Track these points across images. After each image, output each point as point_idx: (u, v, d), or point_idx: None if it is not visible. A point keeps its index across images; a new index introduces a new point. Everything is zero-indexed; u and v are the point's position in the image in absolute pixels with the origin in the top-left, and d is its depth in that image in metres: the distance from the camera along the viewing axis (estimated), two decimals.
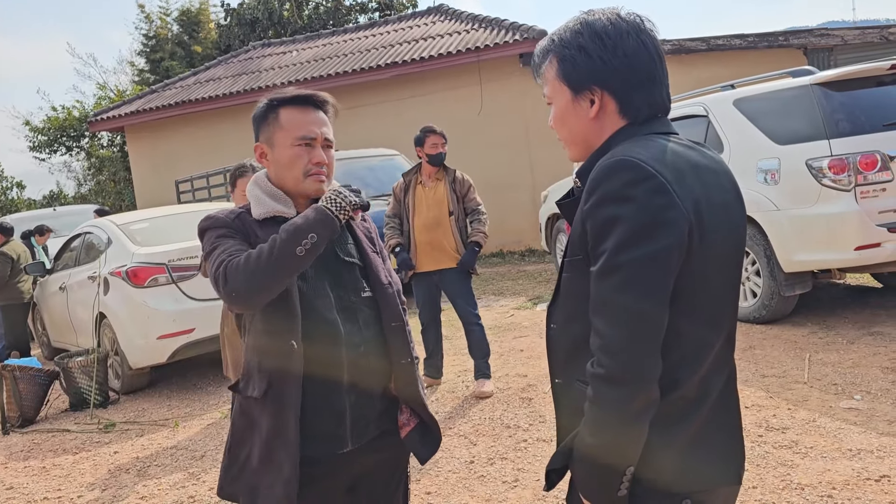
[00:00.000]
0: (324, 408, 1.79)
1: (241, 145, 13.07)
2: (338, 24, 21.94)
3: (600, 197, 1.21)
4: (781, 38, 10.99)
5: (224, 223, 1.84)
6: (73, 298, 6.83)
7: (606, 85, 1.31)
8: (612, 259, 1.18)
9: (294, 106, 1.86)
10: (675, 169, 1.22)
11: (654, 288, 1.17)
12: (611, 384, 1.18)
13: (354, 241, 1.95)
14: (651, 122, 1.33)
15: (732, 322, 1.37)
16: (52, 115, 22.76)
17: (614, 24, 1.30)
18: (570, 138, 1.39)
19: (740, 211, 1.36)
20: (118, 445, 4.92)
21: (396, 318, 1.91)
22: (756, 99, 5.73)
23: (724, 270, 1.30)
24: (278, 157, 1.86)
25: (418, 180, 5.06)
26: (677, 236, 1.17)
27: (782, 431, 3.68)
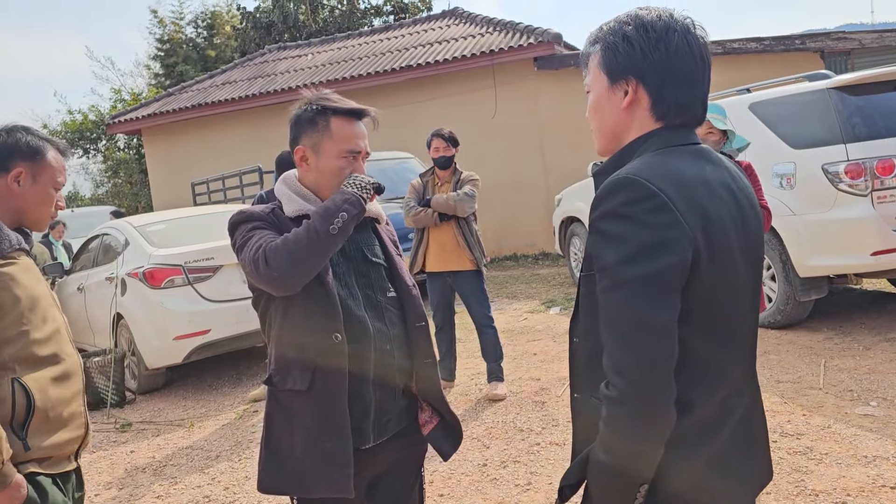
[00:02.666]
0: (351, 402, 1.83)
1: (256, 147, 13.18)
2: (352, 28, 22.04)
3: (602, 213, 1.22)
4: (798, 42, 10.93)
5: (259, 216, 1.89)
6: (90, 299, 6.90)
7: (643, 77, 1.30)
8: (613, 277, 1.19)
9: (345, 117, 1.90)
10: (682, 186, 1.21)
11: (657, 310, 1.16)
12: (622, 406, 1.17)
13: (380, 244, 2.01)
14: (678, 133, 1.32)
15: (752, 341, 1.36)
16: (69, 118, 23.01)
17: (663, 20, 1.30)
18: (600, 128, 1.39)
19: (758, 228, 1.35)
20: (134, 445, 4.97)
21: (420, 318, 1.97)
22: (772, 103, 5.71)
23: (739, 288, 1.29)
24: (322, 165, 1.90)
25: (434, 181, 5.11)
26: (679, 255, 1.16)
27: (797, 437, 3.66)
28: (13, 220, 1.92)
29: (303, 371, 1.83)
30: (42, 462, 1.80)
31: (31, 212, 1.94)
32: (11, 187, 1.89)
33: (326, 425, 1.80)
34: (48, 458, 1.81)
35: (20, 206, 1.91)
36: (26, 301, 1.81)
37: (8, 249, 1.82)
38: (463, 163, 5.19)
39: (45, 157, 1.94)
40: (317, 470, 1.80)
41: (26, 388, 1.76)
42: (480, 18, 14.24)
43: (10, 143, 1.91)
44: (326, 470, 1.79)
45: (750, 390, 1.35)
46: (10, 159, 1.90)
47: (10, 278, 1.79)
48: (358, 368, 1.84)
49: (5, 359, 1.75)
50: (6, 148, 1.90)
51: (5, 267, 1.80)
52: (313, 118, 1.90)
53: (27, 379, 1.77)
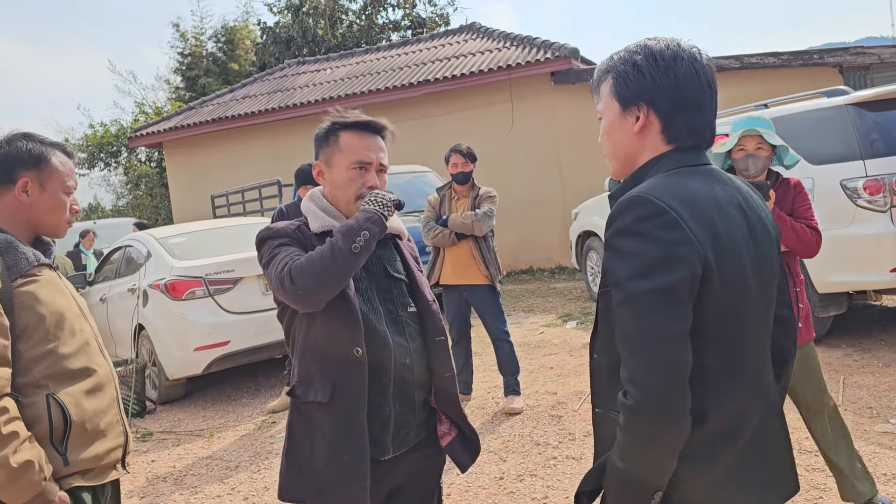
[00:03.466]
0: (370, 415, 1.87)
1: (275, 161, 13.34)
2: (371, 43, 22.28)
3: (615, 230, 1.28)
4: (816, 57, 10.90)
5: (285, 233, 1.94)
6: (112, 310, 7.01)
7: (653, 103, 1.36)
8: (626, 291, 1.24)
9: (354, 130, 1.96)
10: (692, 205, 1.26)
11: (669, 321, 1.20)
12: (638, 415, 1.21)
13: (402, 260, 2.06)
14: (689, 154, 1.37)
15: (766, 355, 1.38)
16: (90, 132, 23.38)
17: (671, 49, 1.36)
18: (614, 152, 1.45)
19: (770, 246, 1.39)
20: (155, 454, 5.03)
21: (440, 332, 2.01)
22: (790, 118, 5.70)
23: (750, 304, 1.32)
24: (334, 177, 1.97)
25: (451, 195, 5.16)
26: (689, 270, 1.21)
27: (815, 454, 3.64)
28: (30, 232, 1.90)
29: (324, 383, 1.87)
30: (85, 474, 1.81)
31: (45, 220, 1.90)
32: (20, 199, 1.84)
33: (345, 437, 1.84)
34: (90, 470, 1.83)
35: (32, 216, 1.87)
36: (51, 317, 1.80)
37: (26, 267, 1.79)
38: (480, 177, 5.24)
39: (50, 162, 1.88)
40: (335, 481, 1.84)
41: (61, 404, 1.77)
42: (498, 33, 14.34)
43: (12, 152, 1.85)
44: (345, 481, 1.83)
45: (765, 403, 1.37)
46: (14, 170, 1.84)
47: (32, 297, 1.78)
48: (378, 382, 1.89)
49: (37, 377, 1.75)
50: (8, 158, 1.84)
51: (25, 286, 1.78)
52: (326, 134, 1.99)
53: (61, 394, 1.78)
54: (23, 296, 1.76)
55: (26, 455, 1.65)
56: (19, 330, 1.74)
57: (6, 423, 1.64)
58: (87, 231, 11.31)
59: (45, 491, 1.68)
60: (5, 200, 1.85)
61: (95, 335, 1.98)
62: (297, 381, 1.95)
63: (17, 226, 1.86)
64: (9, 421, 1.64)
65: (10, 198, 1.85)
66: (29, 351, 1.75)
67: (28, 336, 1.75)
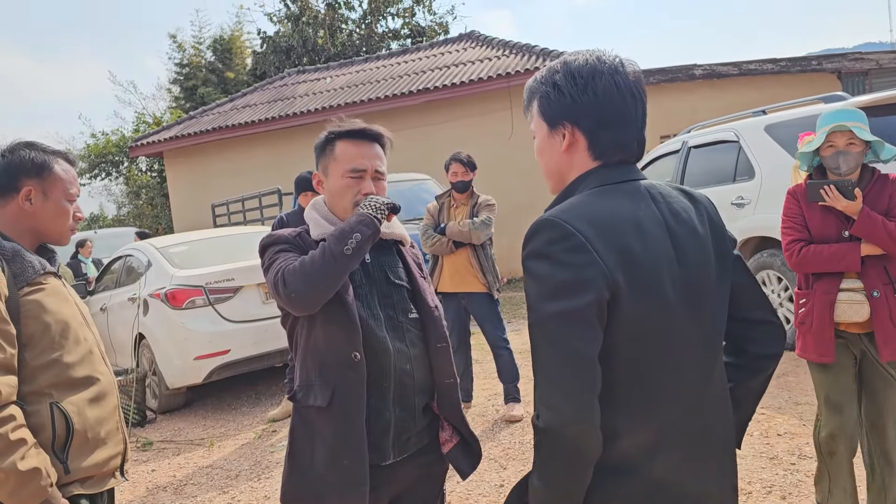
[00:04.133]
0: (371, 420, 1.88)
1: (276, 170, 13.36)
2: (370, 51, 22.36)
3: (527, 252, 1.28)
4: (815, 63, 10.94)
5: (285, 240, 1.96)
6: (113, 319, 7.01)
7: (576, 121, 1.36)
8: (536, 313, 1.25)
9: (349, 139, 1.99)
10: (604, 226, 1.25)
11: (576, 343, 1.21)
12: (548, 435, 1.23)
13: (404, 266, 2.07)
14: (616, 170, 1.36)
15: (700, 373, 1.36)
16: (91, 142, 23.46)
17: (590, 65, 1.35)
18: (547, 171, 1.46)
19: (704, 262, 1.36)
20: (155, 464, 5.03)
21: (442, 339, 2.02)
22: (787, 125, 5.72)
23: (674, 323, 1.30)
24: (331, 186, 2.00)
25: (450, 203, 5.17)
26: (595, 294, 1.21)
27: (815, 460, 3.64)
28: (34, 240, 1.91)
29: (323, 388, 1.88)
30: (84, 482, 1.82)
31: (49, 228, 1.91)
32: (23, 207, 1.86)
33: (344, 442, 1.84)
34: (90, 478, 1.84)
35: (36, 224, 1.89)
36: (56, 326, 1.81)
37: (32, 276, 1.80)
38: (479, 184, 5.25)
39: (53, 170, 1.90)
40: (335, 486, 1.84)
41: (65, 412, 1.78)
42: (497, 41, 14.41)
43: (15, 161, 1.86)
44: (344, 487, 1.83)
45: (702, 418, 1.35)
46: (17, 178, 1.86)
47: (38, 305, 1.79)
48: (378, 387, 1.89)
49: (42, 385, 1.76)
50: (11, 167, 1.86)
51: (32, 294, 1.79)
52: (323, 144, 2.02)
53: (65, 403, 1.79)
54: (29, 304, 1.77)
55: (33, 462, 1.66)
56: (25, 338, 1.75)
57: (14, 429, 1.65)
58: (84, 240, 11.35)
59: (50, 497, 1.68)
60: (9, 209, 1.87)
61: (98, 343, 1.99)
62: (298, 385, 1.97)
63: (22, 234, 1.88)
64: (16, 428, 1.66)
65: (14, 206, 1.86)
66: (34, 359, 1.76)
67: (34, 345, 1.77)
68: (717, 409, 1.41)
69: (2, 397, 1.65)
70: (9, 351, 1.69)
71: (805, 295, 2.92)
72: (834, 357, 2.80)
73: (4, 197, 1.87)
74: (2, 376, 1.67)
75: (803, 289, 2.94)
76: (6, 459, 1.62)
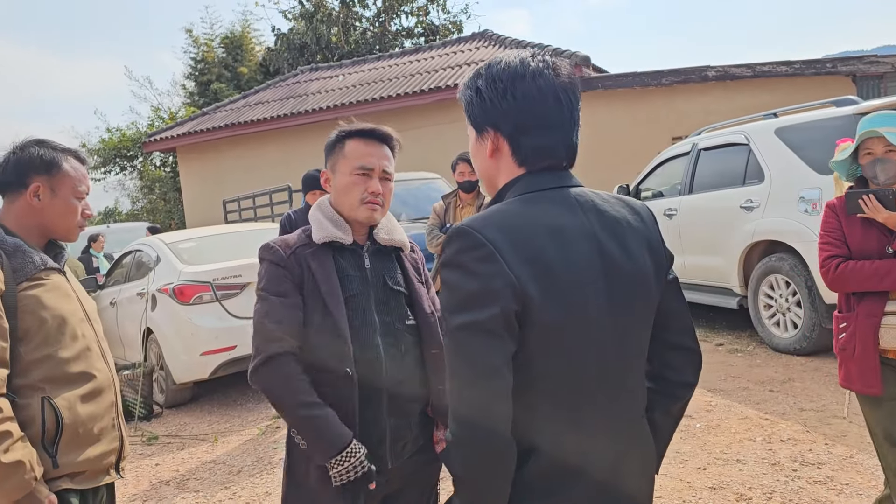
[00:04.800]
0: (366, 429, 1.88)
1: (287, 167, 13.40)
2: (383, 50, 22.37)
3: (443, 261, 1.27)
4: (829, 66, 10.84)
5: (279, 260, 1.92)
6: (122, 313, 7.07)
7: (498, 127, 1.33)
8: (447, 323, 1.23)
9: (359, 138, 2.00)
10: (518, 236, 1.22)
11: (483, 354, 1.18)
12: (459, 447, 1.20)
13: (402, 272, 2.06)
14: (542, 177, 1.32)
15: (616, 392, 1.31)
16: (106, 137, 23.65)
17: (511, 69, 1.31)
18: (479, 174, 1.44)
19: (634, 273, 1.31)
20: (160, 458, 5.07)
21: (437, 345, 2.00)
22: (798, 128, 5.69)
23: (595, 336, 1.26)
24: (338, 183, 2.00)
25: (456, 203, 5.17)
26: (503, 305, 1.18)
27: (818, 467, 3.62)
28: (42, 235, 1.93)
29: None
30: (74, 477, 1.83)
31: (56, 225, 1.93)
32: (31, 203, 1.89)
33: None
34: (81, 473, 1.85)
35: (44, 220, 1.91)
36: (53, 322, 1.83)
37: (32, 271, 1.82)
38: None
39: (62, 168, 1.92)
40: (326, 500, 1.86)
41: (55, 407, 1.79)
42: (510, 41, 14.38)
43: (24, 158, 1.89)
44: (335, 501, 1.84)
45: (624, 437, 1.33)
46: (26, 175, 1.88)
47: (36, 301, 1.81)
48: (372, 396, 1.90)
49: (35, 380, 1.78)
50: (21, 164, 1.89)
51: (30, 290, 1.81)
52: (333, 143, 2.03)
53: (57, 398, 1.80)
54: (27, 299, 1.80)
55: (17, 455, 1.67)
56: (21, 333, 1.77)
57: (0, 422, 1.67)
58: (96, 235, 11.46)
59: (34, 491, 1.70)
60: (17, 205, 1.90)
61: (99, 340, 2.00)
62: None
63: (29, 230, 1.90)
64: (2, 420, 1.67)
65: (23, 202, 1.89)
66: (29, 354, 1.78)
67: (29, 339, 1.78)
68: (636, 430, 1.37)
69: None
70: (0, 344, 1.72)
71: (846, 318, 2.64)
72: (881, 388, 2.52)
73: (13, 193, 1.90)
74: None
75: (843, 311, 2.67)
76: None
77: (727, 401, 4.77)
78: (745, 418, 4.41)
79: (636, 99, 11.67)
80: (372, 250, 2.03)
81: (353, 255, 1.99)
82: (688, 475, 3.69)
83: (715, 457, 3.89)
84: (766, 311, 5.92)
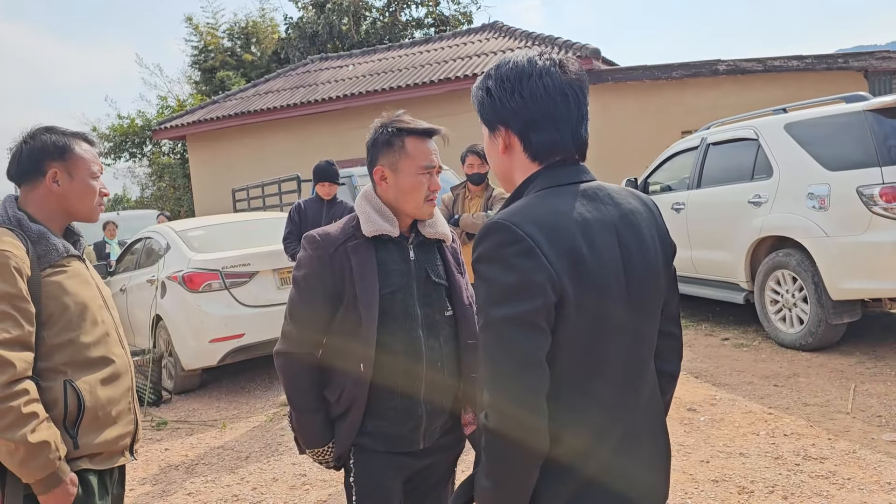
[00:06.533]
0: (404, 415, 1.98)
1: (297, 156, 13.44)
2: (394, 40, 22.34)
3: (478, 255, 1.29)
4: (841, 61, 10.79)
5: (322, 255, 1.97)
6: (132, 300, 7.14)
7: (508, 124, 1.39)
8: (485, 316, 1.26)
9: (417, 136, 2.02)
10: (552, 230, 1.26)
11: (525, 346, 1.22)
12: (497, 436, 1.24)
13: (443, 263, 2.12)
14: (560, 171, 1.38)
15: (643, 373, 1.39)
16: (117, 123, 23.74)
17: (519, 68, 1.37)
18: (495, 173, 1.49)
19: (654, 268, 1.38)
20: (169, 443, 5.13)
21: (472, 335, 2.06)
22: (808, 124, 5.67)
23: (615, 328, 1.31)
24: (402, 182, 2.01)
25: (465, 195, 5.19)
26: (544, 298, 1.22)
27: (821, 461, 3.64)
28: (64, 219, 1.99)
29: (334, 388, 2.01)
30: (93, 458, 1.90)
31: (78, 207, 1.98)
32: (52, 188, 1.94)
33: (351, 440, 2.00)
34: (99, 454, 1.92)
35: (65, 204, 1.96)
36: (75, 308, 1.89)
37: (56, 258, 1.89)
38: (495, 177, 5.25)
39: (74, 151, 1.97)
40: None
41: (77, 390, 1.85)
42: (519, 32, 14.34)
43: (37, 146, 1.94)
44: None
45: (629, 419, 1.38)
46: (42, 162, 1.93)
47: (59, 287, 1.87)
48: (410, 386, 1.97)
49: (57, 363, 1.84)
50: (35, 152, 1.93)
51: (54, 276, 1.87)
52: (389, 139, 2.01)
53: (79, 381, 1.87)
54: (50, 285, 1.86)
55: (43, 435, 1.74)
56: (44, 318, 1.83)
57: (26, 403, 1.73)
58: (108, 222, 11.54)
59: (58, 470, 1.76)
60: (38, 192, 1.95)
61: (116, 326, 2.06)
62: None
63: (53, 215, 1.95)
64: (29, 402, 1.74)
65: (43, 189, 1.94)
66: (52, 338, 1.84)
67: (52, 324, 1.84)
68: (651, 412, 1.44)
69: (17, 371, 1.72)
70: (26, 328, 1.77)
71: None
72: None
73: (33, 181, 1.95)
74: (18, 352, 1.74)
75: None
76: (18, 432, 1.70)
77: (732, 395, 4.79)
78: (749, 412, 4.43)
79: (646, 92, 11.63)
80: (416, 242, 2.07)
81: (399, 247, 2.03)
82: (691, 468, 3.72)
83: (718, 450, 3.92)
84: (773, 307, 5.93)
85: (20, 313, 1.76)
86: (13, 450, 1.71)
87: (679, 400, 4.71)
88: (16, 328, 1.75)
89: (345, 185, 8.10)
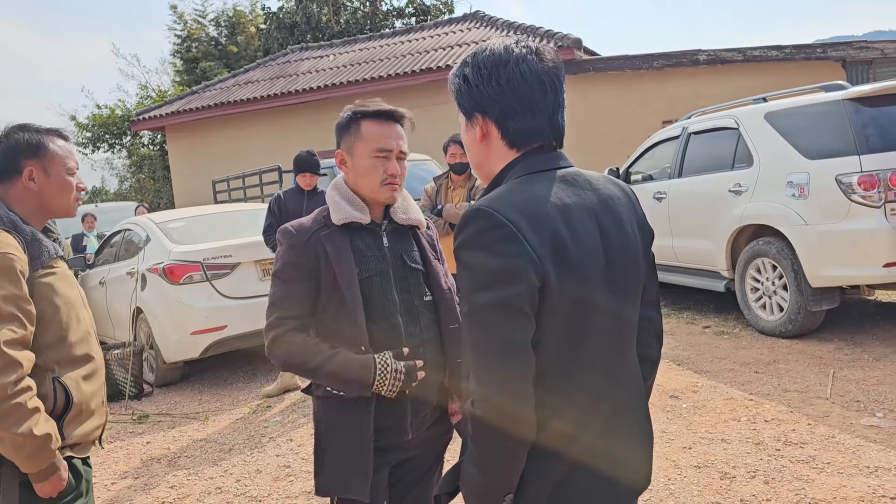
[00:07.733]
0: (388, 406, 1.95)
1: (277, 147, 13.35)
2: (374, 30, 22.21)
3: (460, 242, 1.30)
4: (819, 51, 10.88)
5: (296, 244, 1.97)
6: (111, 293, 7.06)
7: (485, 112, 1.39)
8: (469, 303, 1.26)
9: (375, 119, 2.00)
10: (534, 215, 1.27)
11: (510, 332, 1.22)
12: (481, 423, 1.24)
13: (419, 249, 2.10)
14: (539, 158, 1.38)
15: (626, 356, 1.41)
16: (96, 112, 23.41)
17: (496, 55, 1.37)
18: (472, 162, 1.49)
19: (633, 252, 1.39)
20: (151, 436, 5.09)
21: (454, 320, 2.06)
22: (787, 113, 5.72)
23: (597, 311, 1.32)
24: (357, 165, 2.00)
25: (448, 185, 5.18)
26: (527, 283, 1.22)
27: (800, 446, 3.69)
28: (42, 216, 2.00)
29: None
30: (74, 448, 1.97)
31: (55, 203, 2.00)
32: (28, 186, 1.95)
33: (352, 431, 1.94)
34: (78, 444, 1.98)
35: (43, 201, 1.98)
36: (65, 308, 1.94)
37: (47, 260, 1.92)
38: None
39: (49, 148, 1.98)
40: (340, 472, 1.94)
41: (65, 386, 1.92)
42: (501, 22, 14.32)
43: (12, 145, 1.95)
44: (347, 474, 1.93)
45: (619, 402, 1.40)
46: (17, 161, 1.94)
47: (50, 288, 1.91)
48: None
49: (47, 361, 1.89)
50: (10, 151, 1.95)
51: (45, 277, 1.91)
52: (347, 123, 2.02)
53: (65, 378, 1.92)
54: (42, 287, 1.90)
55: (46, 428, 1.82)
56: (37, 317, 1.88)
57: (30, 399, 1.79)
58: (86, 214, 11.41)
59: (56, 460, 1.85)
60: (15, 191, 1.96)
61: (92, 323, 2.11)
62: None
63: (31, 213, 1.97)
64: (32, 398, 1.81)
65: (20, 187, 1.96)
66: (43, 337, 1.89)
67: (45, 324, 1.89)
68: (634, 397, 1.45)
69: (23, 370, 1.79)
70: (29, 329, 1.83)
71: None
72: None
73: (9, 180, 1.96)
74: (23, 351, 1.81)
75: None
76: (25, 426, 1.77)
77: (713, 382, 4.84)
78: (730, 399, 4.48)
79: (627, 82, 11.67)
80: (390, 229, 2.06)
81: (372, 234, 2.02)
82: (673, 454, 3.75)
83: (700, 436, 3.96)
84: (753, 294, 5.99)
85: (24, 314, 1.82)
86: (20, 443, 1.77)
87: (661, 387, 4.75)
88: (21, 329, 1.81)
89: (326, 175, 8.05)
